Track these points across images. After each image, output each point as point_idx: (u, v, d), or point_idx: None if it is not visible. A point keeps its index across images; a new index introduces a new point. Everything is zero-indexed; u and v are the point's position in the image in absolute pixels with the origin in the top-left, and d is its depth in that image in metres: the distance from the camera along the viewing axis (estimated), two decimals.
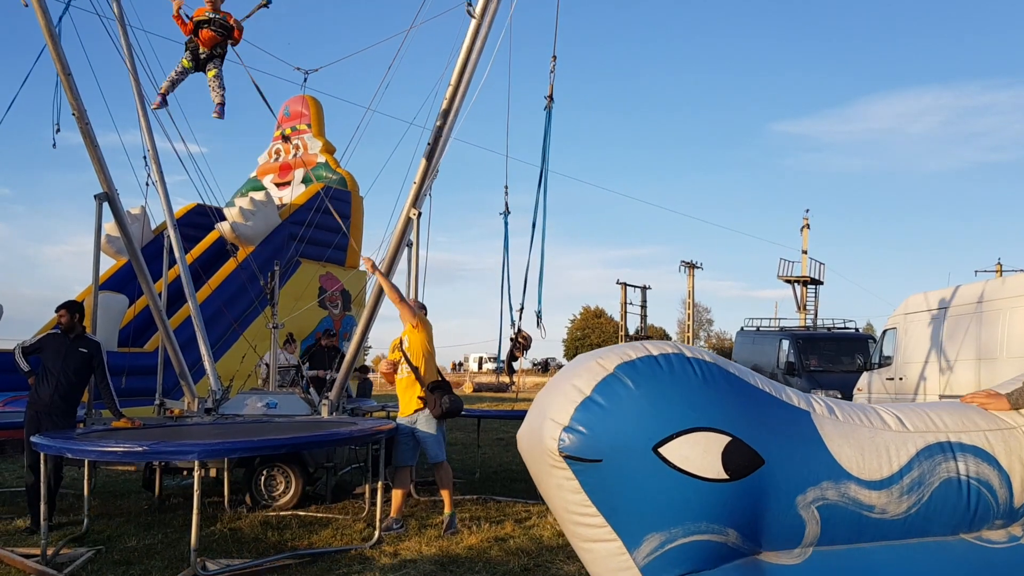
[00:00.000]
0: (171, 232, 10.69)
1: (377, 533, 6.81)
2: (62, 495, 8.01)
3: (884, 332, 15.22)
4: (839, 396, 15.14)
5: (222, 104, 8.09)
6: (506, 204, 9.58)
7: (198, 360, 10.78)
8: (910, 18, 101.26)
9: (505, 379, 11.90)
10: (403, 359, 7.28)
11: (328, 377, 11.23)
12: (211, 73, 7.93)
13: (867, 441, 3.16)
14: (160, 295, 10.23)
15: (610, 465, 2.97)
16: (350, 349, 9.33)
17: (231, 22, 7.98)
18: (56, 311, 7.58)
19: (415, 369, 7.19)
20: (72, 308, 7.51)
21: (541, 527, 7.23)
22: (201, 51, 7.84)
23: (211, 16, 7.80)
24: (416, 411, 7.23)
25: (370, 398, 14.30)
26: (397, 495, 7.28)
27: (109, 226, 13.09)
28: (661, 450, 2.92)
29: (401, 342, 7.38)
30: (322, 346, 12.91)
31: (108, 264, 17.61)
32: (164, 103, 8.32)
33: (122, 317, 15.63)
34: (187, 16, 7.83)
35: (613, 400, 2.98)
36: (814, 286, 37.57)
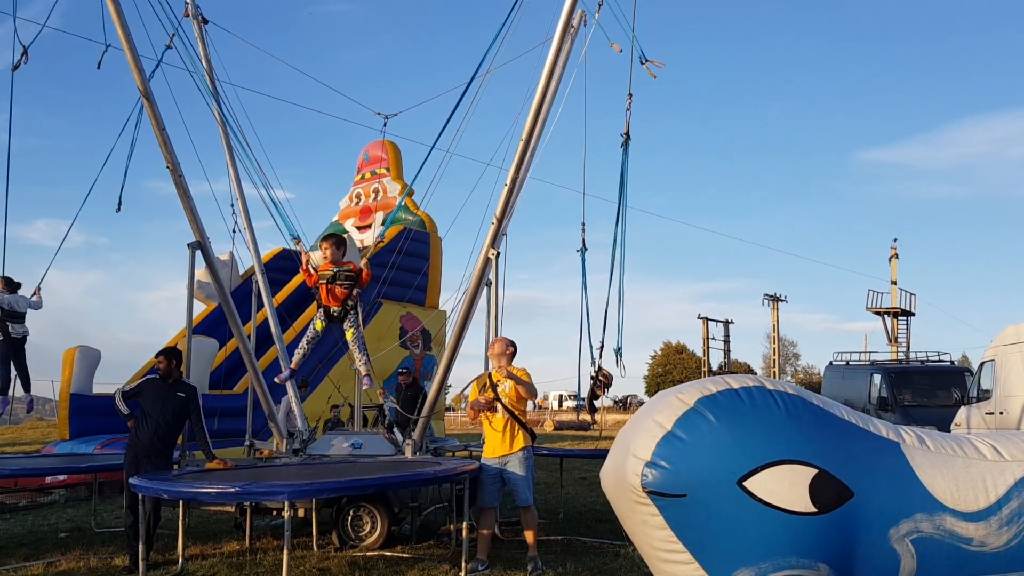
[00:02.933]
0: (259, 277, 11.02)
1: (463, 574, 6.81)
2: (158, 535, 8.24)
3: (982, 364, 14.63)
4: None
5: (368, 374, 8.11)
6: (583, 241, 9.59)
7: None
8: (1004, 39, 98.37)
9: (586, 417, 11.82)
10: (498, 402, 7.22)
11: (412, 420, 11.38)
12: (349, 334, 7.86)
13: (961, 471, 3.07)
14: (249, 338, 10.52)
15: (694, 500, 2.95)
16: (432, 389, 9.41)
17: (355, 269, 7.87)
18: (156, 357, 7.89)
19: (513, 415, 7.17)
20: (170, 355, 7.80)
21: (627, 568, 7.13)
22: (333, 310, 7.75)
23: (336, 271, 7.71)
24: (508, 453, 7.20)
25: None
26: (483, 536, 7.26)
27: (200, 272, 13.56)
28: (746, 483, 2.88)
29: (493, 384, 7.32)
30: (401, 385, 13.18)
31: (199, 309, 18.18)
32: (293, 376, 8.39)
33: (213, 360, 16.10)
34: (314, 269, 7.79)
35: (695, 434, 2.97)
36: (905, 318, 36.42)
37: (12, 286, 9.77)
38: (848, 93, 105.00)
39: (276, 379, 8.65)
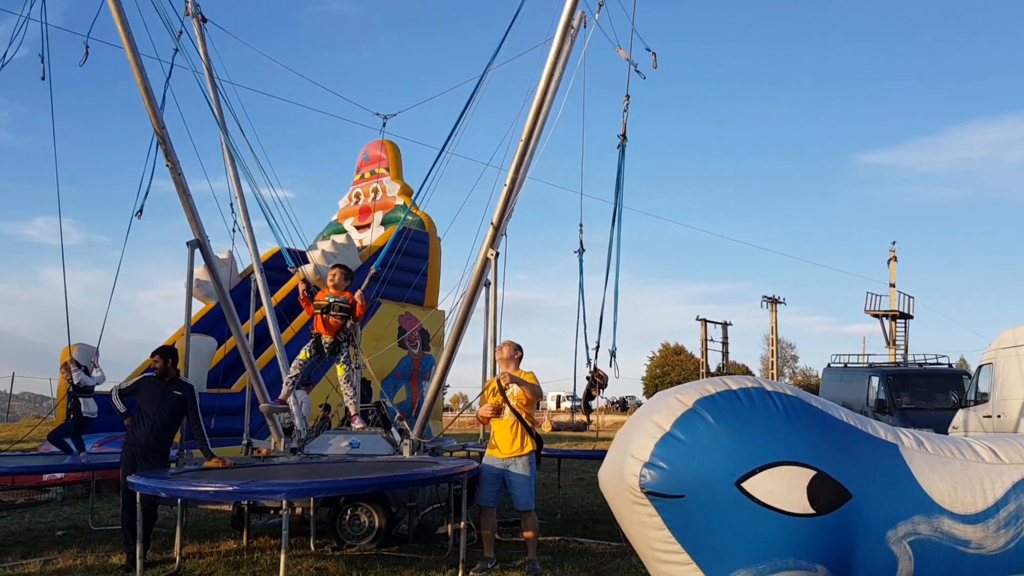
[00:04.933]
0: (257, 276, 11.01)
1: (460, 574, 6.80)
2: (155, 533, 8.24)
3: (980, 367, 14.65)
4: None
5: (357, 413, 8.09)
6: (580, 242, 9.57)
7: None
8: (1003, 42, 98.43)
9: (581, 418, 11.81)
10: (506, 404, 7.19)
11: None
12: (341, 372, 7.79)
13: (959, 474, 3.07)
14: (247, 337, 10.51)
15: (693, 500, 2.95)
16: (430, 389, 9.40)
17: (351, 301, 7.88)
18: (151, 356, 7.88)
19: (521, 418, 7.13)
20: (166, 353, 7.79)
21: (625, 569, 7.13)
22: (325, 339, 7.68)
23: (331, 300, 7.73)
24: (514, 456, 7.15)
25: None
26: (487, 535, 7.24)
27: (199, 271, 13.55)
28: (744, 484, 2.89)
29: (502, 388, 7.29)
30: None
31: (197, 307, 18.17)
32: (285, 407, 8.26)
33: (211, 359, 16.10)
34: (311, 298, 7.81)
35: (693, 435, 2.97)
36: (903, 320, 36.47)
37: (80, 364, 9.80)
38: (847, 96, 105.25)
39: (261, 408, 8.59)
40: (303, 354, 7.80)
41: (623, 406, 57.95)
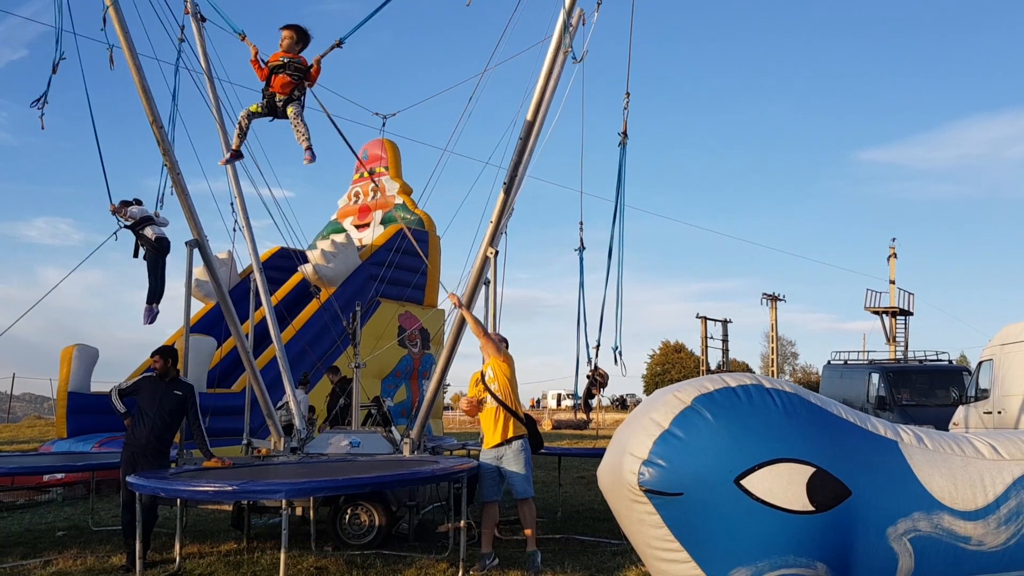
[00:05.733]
0: (257, 276, 11.00)
1: (460, 573, 6.79)
2: (156, 534, 8.22)
3: (980, 364, 14.62)
4: None
5: (310, 147, 7.69)
6: (581, 240, 9.56)
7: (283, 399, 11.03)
8: (1002, 39, 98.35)
9: (582, 416, 11.81)
10: (487, 392, 7.29)
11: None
12: (290, 111, 7.46)
13: (959, 470, 3.05)
14: (247, 336, 10.50)
15: (691, 498, 2.94)
16: (430, 388, 9.39)
17: (306, 64, 7.59)
18: (151, 356, 7.88)
19: (502, 402, 7.19)
20: (166, 354, 7.79)
21: (625, 567, 7.12)
22: (277, 98, 7.48)
23: (285, 61, 7.49)
24: (504, 443, 7.20)
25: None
26: (487, 532, 7.25)
27: (198, 271, 13.54)
28: (743, 482, 2.87)
29: (483, 375, 7.40)
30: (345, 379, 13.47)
31: (196, 307, 18.16)
32: (238, 156, 8.01)
33: (211, 359, 16.09)
34: (263, 61, 7.52)
35: (692, 432, 2.96)
36: (903, 317, 36.47)
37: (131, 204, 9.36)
38: (847, 93, 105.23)
39: (219, 163, 8.48)
40: (253, 106, 7.58)
41: (623, 404, 57.94)
